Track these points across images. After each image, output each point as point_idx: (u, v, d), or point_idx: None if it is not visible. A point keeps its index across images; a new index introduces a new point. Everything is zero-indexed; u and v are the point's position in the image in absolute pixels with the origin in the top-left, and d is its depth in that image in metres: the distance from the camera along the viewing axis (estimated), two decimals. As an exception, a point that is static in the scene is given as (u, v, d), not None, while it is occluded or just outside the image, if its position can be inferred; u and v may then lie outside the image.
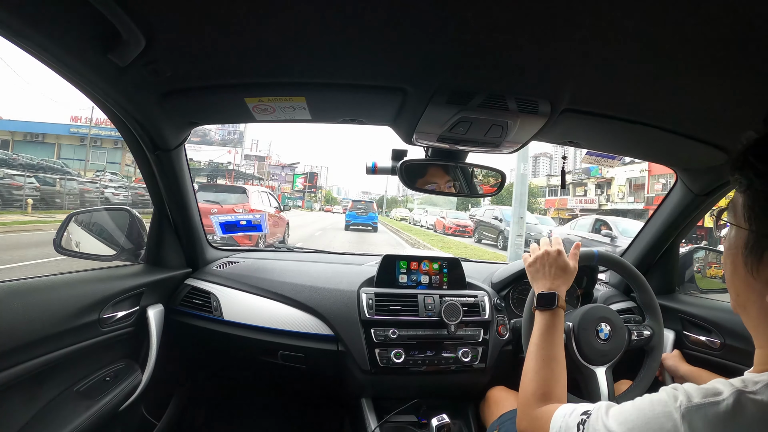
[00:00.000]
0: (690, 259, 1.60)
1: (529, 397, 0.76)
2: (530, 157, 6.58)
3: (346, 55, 0.74)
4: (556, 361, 0.80)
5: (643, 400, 0.51)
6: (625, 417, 0.50)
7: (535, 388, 0.76)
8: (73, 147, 30.44)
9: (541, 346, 0.83)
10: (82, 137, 29.20)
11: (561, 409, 0.62)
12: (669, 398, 0.48)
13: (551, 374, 0.78)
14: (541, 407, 0.71)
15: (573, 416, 0.58)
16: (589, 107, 0.90)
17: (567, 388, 0.79)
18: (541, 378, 0.77)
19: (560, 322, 0.86)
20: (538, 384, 0.77)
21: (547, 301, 0.88)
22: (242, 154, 41.73)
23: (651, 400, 0.50)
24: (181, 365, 1.53)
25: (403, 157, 1.14)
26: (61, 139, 31.19)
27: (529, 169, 5.70)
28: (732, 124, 0.86)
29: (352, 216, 17.09)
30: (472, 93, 0.81)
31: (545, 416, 0.66)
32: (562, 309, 0.88)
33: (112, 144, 30.35)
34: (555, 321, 0.86)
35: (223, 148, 38.60)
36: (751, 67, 0.65)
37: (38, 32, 0.63)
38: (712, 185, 1.22)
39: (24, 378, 0.83)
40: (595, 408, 0.55)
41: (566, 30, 0.60)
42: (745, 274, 0.50)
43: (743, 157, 0.49)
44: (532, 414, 0.72)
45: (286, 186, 51.38)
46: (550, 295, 0.88)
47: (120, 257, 1.33)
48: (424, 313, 1.28)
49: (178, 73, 0.81)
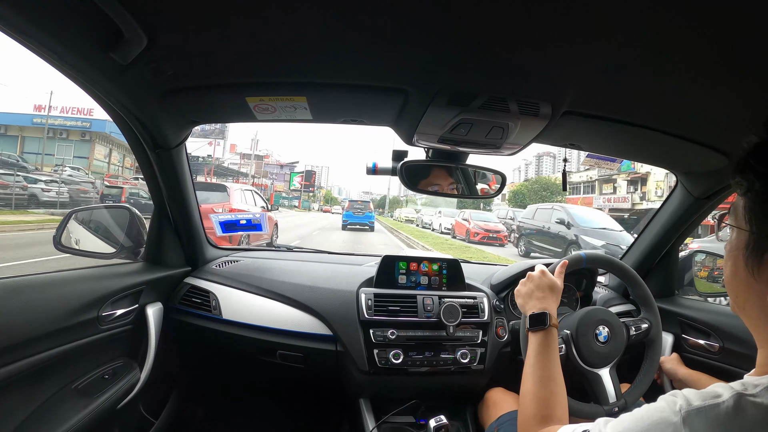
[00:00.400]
0: (689, 263, 1.60)
1: (529, 420, 0.76)
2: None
3: (348, 56, 0.74)
4: (553, 381, 0.81)
5: (641, 410, 0.50)
6: (624, 427, 0.50)
7: (534, 410, 0.76)
8: (38, 140, 26.25)
9: (537, 367, 0.83)
10: (50, 128, 25.88)
11: (561, 430, 0.63)
12: (668, 404, 0.48)
13: (549, 395, 0.78)
14: (542, 430, 0.72)
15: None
16: (590, 110, 0.90)
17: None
18: (539, 400, 0.78)
19: (554, 340, 0.87)
20: (537, 406, 0.77)
21: (539, 320, 0.89)
22: (225, 146, 38.63)
23: (649, 408, 0.50)
24: (179, 364, 1.53)
25: (404, 158, 1.15)
26: (25, 131, 27.46)
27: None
28: (733, 128, 0.86)
29: (349, 216, 17.29)
30: (473, 95, 0.82)
31: None
32: (554, 327, 0.88)
33: (78, 136, 26.96)
34: (549, 340, 0.86)
35: (203, 139, 34.78)
36: (752, 71, 0.65)
37: (40, 30, 0.63)
38: (713, 189, 1.22)
39: (22, 375, 0.84)
40: (593, 425, 0.55)
41: (567, 33, 0.60)
42: (745, 275, 0.51)
43: (744, 161, 0.50)
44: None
45: (280, 184, 49.25)
46: (541, 315, 0.89)
47: (119, 255, 1.33)
48: (423, 314, 1.28)
49: (180, 72, 0.81)
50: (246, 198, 7.65)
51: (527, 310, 0.93)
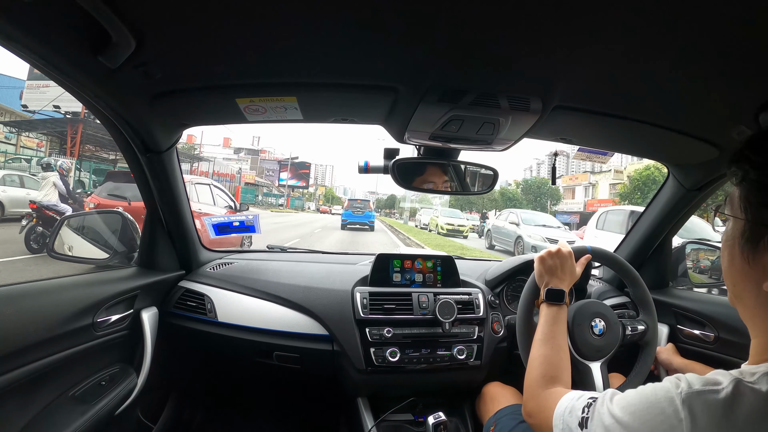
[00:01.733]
0: (683, 254, 1.62)
1: (538, 379, 0.78)
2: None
3: (337, 55, 0.74)
4: (563, 349, 0.84)
5: (645, 388, 0.52)
6: (628, 402, 0.52)
7: (543, 371, 0.79)
8: None
9: (549, 335, 0.86)
10: None
11: (570, 393, 0.64)
12: (671, 385, 0.49)
13: (559, 360, 0.81)
14: (549, 389, 0.74)
15: (580, 400, 0.60)
16: (580, 104, 0.90)
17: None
18: (549, 362, 0.81)
19: (564, 317, 0.92)
20: (546, 368, 0.80)
21: (557, 296, 0.93)
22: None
23: (654, 387, 0.51)
24: (176, 368, 1.52)
25: (395, 156, 1.15)
26: None
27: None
28: (723, 120, 0.87)
29: (349, 215, 17.19)
30: (463, 91, 0.82)
31: (552, 398, 0.67)
32: (566, 306, 0.94)
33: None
34: (560, 315, 0.91)
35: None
36: (742, 63, 0.65)
37: (27, 34, 0.62)
38: (704, 180, 1.22)
39: (18, 384, 0.83)
40: (601, 395, 0.57)
41: (556, 27, 0.61)
42: (741, 263, 0.52)
43: (740, 151, 0.51)
44: (540, 395, 0.74)
45: (251, 174, 42.13)
46: (559, 291, 0.93)
47: (113, 260, 1.32)
48: (418, 311, 1.28)
49: (169, 75, 0.80)
50: (202, 195, 6.00)
51: (547, 283, 0.96)
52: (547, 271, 0.98)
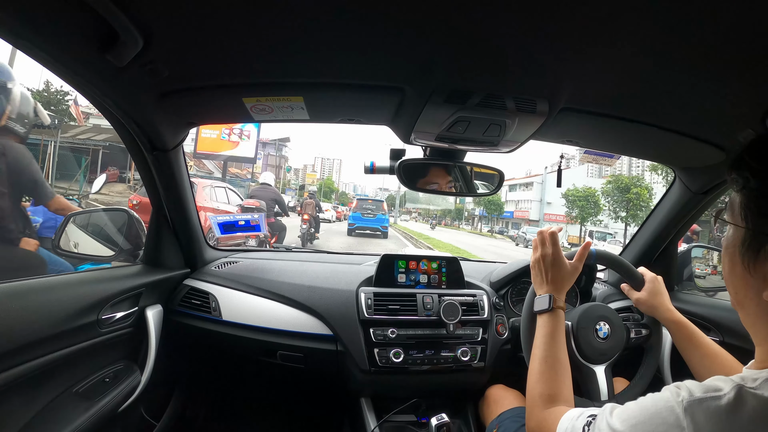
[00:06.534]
0: (688, 258, 1.60)
1: (536, 399, 0.77)
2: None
3: (344, 55, 0.74)
4: (560, 362, 0.81)
5: (645, 399, 0.52)
6: (629, 414, 0.51)
7: (541, 390, 0.77)
8: None
9: (543, 348, 0.84)
10: None
11: (570, 413, 0.63)
12: (671, 395, 0.49)
13: (556, 376, 0.79)
14: (549, 408, 0.73)
15: (580, 419, 0.59)
16: (587, 106, 0.89)
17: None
18: (546, 380, 0.78)
19: (561, 323, 0.87)
20: (543, 386, 0.78)
21: (542, 303, 0.89)
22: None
23: (653, 398, 0.51)
24: (180, 366, 1.53)
25: (402, 157, 1.14)
26: None
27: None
28: (730, 123, 0.86)
29: (357, 218, 14.22)
30: (470, 92, 0.81)
31: (552, 417, 0.67)
32: (561, 310, 0.88)
33: None
34: (556, 323, 0.86)
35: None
36: (749, 67, 0.65)
37: (35, 32, 0.63)
38: (711, 184, 1.22)
39: (23, 379, 0.83)
40: (600, 411, 0.56)
41: (564, 29, 0.60)
42: (742, 271, 0.51)
43: (740, 157, 0.50)
44: (540, 415, 0.73)
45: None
46: (545, 297, 0.90)
47: (118, 258, 1.33)
48: (422, 312, 1.28)
49: (176, 74, 0.80)
50: (217, 196, 6.87)
51: (536, 291, 0.94)
52: (533, 279, 0.96)
